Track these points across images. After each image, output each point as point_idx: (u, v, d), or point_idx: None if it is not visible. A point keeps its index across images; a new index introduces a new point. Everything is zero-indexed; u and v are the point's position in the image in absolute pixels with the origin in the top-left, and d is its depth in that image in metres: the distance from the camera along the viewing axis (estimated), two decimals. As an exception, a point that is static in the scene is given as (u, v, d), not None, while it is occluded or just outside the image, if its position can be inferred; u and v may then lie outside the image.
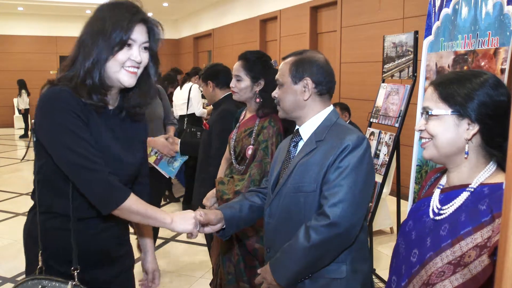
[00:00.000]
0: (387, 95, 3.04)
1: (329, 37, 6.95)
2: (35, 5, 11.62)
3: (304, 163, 1.50)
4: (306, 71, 1.53)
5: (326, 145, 1.48)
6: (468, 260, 0.97)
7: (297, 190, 1.50)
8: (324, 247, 1.41)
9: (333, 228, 1.39)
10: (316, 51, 1.61)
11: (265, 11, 8.77)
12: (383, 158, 2.92)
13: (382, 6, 5.71)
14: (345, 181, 1.40)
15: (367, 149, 1.45)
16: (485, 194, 1.01)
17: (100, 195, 1.29)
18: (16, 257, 3.71)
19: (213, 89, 2.80)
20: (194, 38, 12.94)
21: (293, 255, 1.45)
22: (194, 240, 4.17)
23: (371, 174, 1.47)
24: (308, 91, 1.53)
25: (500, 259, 0.54)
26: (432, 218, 1.11)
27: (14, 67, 12.63)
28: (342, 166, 1.41)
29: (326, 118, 1.54)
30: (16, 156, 8.71)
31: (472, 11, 2.18)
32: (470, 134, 1.04)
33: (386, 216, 4.08)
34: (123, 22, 1.29)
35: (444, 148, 1.08)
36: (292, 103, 1.56)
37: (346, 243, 1.44)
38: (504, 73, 2.02)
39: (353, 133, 1.47)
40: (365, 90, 5.62)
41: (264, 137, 2.08)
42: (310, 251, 1.41)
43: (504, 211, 0.53)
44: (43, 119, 1.29)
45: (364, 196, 1.44)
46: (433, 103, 1.09)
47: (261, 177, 2.04)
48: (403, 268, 1.15)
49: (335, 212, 1.38)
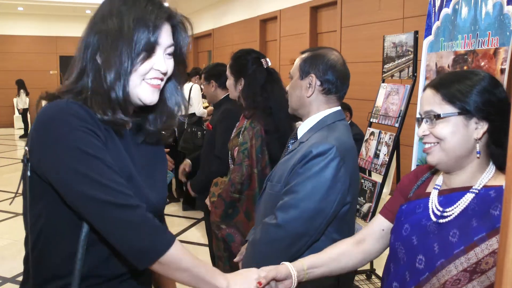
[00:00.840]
0: (387, 95, 3.04)
1: (329, 37, 6.95)
2: (35, 5, 11.62)
3: (282, 162, 1.50)
4: (313, 68, 1.48)
5: (301, 147, 1.44)
6: (485, 267, 0.95)
7: (270, 189, 1.51)
8: (270, 246, 1.39)
9: (278, 230, 1.36)
10: (334, 50, 1.55)
11: (265, 11, 8.76)
12: (383, 158, 2.92)
13: (382, 6, 5.71)
14: (300, 188, 1.35)
15: (333, 158, 1.35)
16: (493, 198, 0.99)
17: (139, 242, 0.91)
18: (16, 257, 3.71)
19: (215, 89, 2.81)
20: (194, 38, 12.90)
21: (251, 249, 1.47)
22: (195, 240, 4.17)
23: (335, 187, 1.36)
24: (312, 88, 1.48)
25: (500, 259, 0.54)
26: (435, 222, 1.07)
27: (14, 67, 12.63)
28: (301, 172, 1.37)
29: (321, 120, 1.48)
30: (16, 156, 8.71)
31: (472, 11, 2.18)
32: (480, 133, 1.02)
33: (386, 216, 4.07)
34: (148, 18, 0.96)
35: (454, 151, 1.04)
36: (297, 98, 1.52)
37: (293, 248, 1.38)
38: (504, 73, 2.02)
39: (326, 140, 1.38)
40: (365, 90, 5.62)
41: (244, 139, 2.04)
42: (261, 247, 1.42)
43: (504, 211, 0.53)
44: (47, 143, 0.91)
45: (319, 208, 1.35)
46: (437, 106, 1.05)
47: (242, 180, 2.00)
48: (407, 275, 1.11)
49: (282, 216, 1.36)
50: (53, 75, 13.10)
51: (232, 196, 2.02)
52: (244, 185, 2.01)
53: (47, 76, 13.05)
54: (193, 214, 4.87)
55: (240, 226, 2.08)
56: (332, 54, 1.51)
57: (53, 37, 13.06)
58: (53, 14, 12.79)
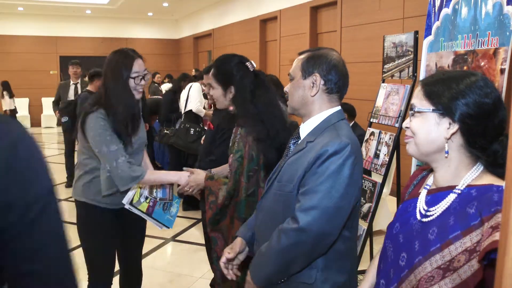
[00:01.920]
0: (387, 95, 3.04)
1: (329, 37, 6.95)
2: (35, 5, 11.62)
3: (290, 162, 1.49)
4: (316, 67, 1.48)
5: (312, 147, 1.43)
6: (457, 265, 0.96)
7: (279, 189, 1.49)
8: (294, 251, 1.38)
9: (302, 234, 1.35)
10: (334, 50, 1.56)
11: (265, 11, 8.77)
12: (383, 158, 2.92)
13: (382, 6, 5.71)
14: (320, 188, 1.35)
15: (349, 156, 1.36)
16: (473, 197, 1.00)
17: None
18: (16, 257, 3.71)
19: None
20: (194, 38, 12.94)
21: (266, 257, 1.44)
22: (195, 240, 4.17)
23: (353, 184, 1.38)
24: (316, 87, 1.48)
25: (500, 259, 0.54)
26: (419, 220, 1.10)
27: (14, 67, 12.63)
28: (319, 171, 1.36)
29: (326, 119, 1.49)
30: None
31: (472, 11, 2.18)
32: (449, 133, 1.04)
33: (386, 216, 4.07)
34: None
35: (423, 146, 1.08)
36: (300, 98, 1.51)
37: (317, 250, 1.39)
38: (504, 73, 2.02)
39: (339, 138, 1.39)
40: (365, 90, 5.62)
41: (238, 147, 2.00)
42: (280, 254, 1.39)
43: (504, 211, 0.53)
44: None
45: (339, 205, 1.36)
46: (418, 100, 1.10)
47: (235, 187, 1.98)
48: (392, 272, 1.13)
49: (305, 218, 1.34)
50: (53, 75, 13.10)
51: (224, 203, 2.02)
52: (235, 192, 2.01)
53: (47, 76, 13.05)
54: (193, 214, 4.87)
55: (224, 231, 2.07)
56: (333, 54, 1.52)
57: (53, 37, 13.07)
58: (53, 14, 12.79)
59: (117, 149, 2.02)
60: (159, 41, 14.18)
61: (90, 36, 13.37)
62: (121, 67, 2.06)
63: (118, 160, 2.00)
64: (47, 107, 12.12)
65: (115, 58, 2.10)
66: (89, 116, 2.05)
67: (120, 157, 2.01)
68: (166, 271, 3.51)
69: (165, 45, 14.29)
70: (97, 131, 2.02)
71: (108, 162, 2.01)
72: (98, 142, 2.01)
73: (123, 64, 2.07)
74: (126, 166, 2.02)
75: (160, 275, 3.46)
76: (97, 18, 13.28)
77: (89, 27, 13.31)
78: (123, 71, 2.06)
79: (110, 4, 11.62)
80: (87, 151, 2.11)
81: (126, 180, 2.02)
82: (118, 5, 11.58)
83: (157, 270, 3.54)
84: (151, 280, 3.35)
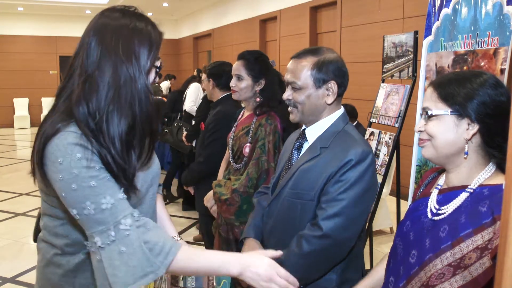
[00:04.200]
0: (387, 95, 3.04)
1: (329, 37, 6.95)
2: (35, 5, 11.61)
3: (305, 169, 1.45)
4: (330, 74, 1.44)
5: (329, 154, 1.42)
6: (468, 262, 0.96)
7: (295, 196, 1.46)
8: (315, 257, 1.38)
9: (325, 240, 1.36)
10: (331, 49, 1.52)
11: (265, 11, 8.76)
12: (383, 158, 2.92)
13: (382, 6, 5.71)
14: (344, 196, 1.37)
15: (371, 164, 1.40)
16: (485, 196, 1.00)
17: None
18: (16, 257, 3.72)
19: (212, 88, 2.83)
20: (194, 38, 12.94)
21: (286, 263, 1.40)
22: (194, 240, 4.17)
23: (371, 190, 1.42)
24: (332, 95, 1.45)
25: (500, 259, 0.54)
26: (430, 219, 1.10)
27: (14, 67, 12.63)
28: (343, 180, 1.37)
29: (334, 123, 1.48)
30: (16, 156, 8.71)
31: (471, 11, 2.18)
32: (470, 134, 1.03)
33: (386, 216, 4.08)
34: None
35: (443, 149, 1.07)
36: (313, 107, 1.47)
37: (339, 255, 1.41)
38: (504, 73, 2.02)
39: (359, 146, 1.40)
40: (365, 90, 5.63)
41: (261, 135, 2.09)
42: (301, 260, 1.39)
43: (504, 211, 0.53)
44: None
45: (362, 211, 1.40)
46: (432, 103, 1.08)
47: (259, 175, 2.04)
48: (401, 269, 1.14)
49: (329, 225, 1.36)
50: (53, 75, 13.10)
51: (248, 191, 2.03)
52: (260, 180, 2.03)
53: (47, 76, 13.05)
54: (193, 214, 4.87)
55: None
56: (337, 56, 1.49)
57: (53, 37, 13.06)
58: (53, 14, 12.79)
59: (114, 203, 1.01)
60: (159, 41, 14.17)
61: (90, 36, 13.36)
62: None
63: (119, 225, 1.00)
64: (47, 107, 12.03)
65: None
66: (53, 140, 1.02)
67: (124, 218, 1.01)
68: (166, 271, 3.51)
69: (165, 45, 14.09)
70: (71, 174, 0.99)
71: (100, 234, 0.99)
72: (75, 196, 0.99)
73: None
74: (139, 235, 1.00)
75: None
76: (97, 18, 13.27)
77: (89, 27, 13.30)
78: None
79: (110, 4, 11.59)
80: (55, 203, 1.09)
81: (139, 268, 0.98)
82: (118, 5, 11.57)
83: (157, 270, 3.53)
84: (151, 280, 3.35)
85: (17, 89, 12.55)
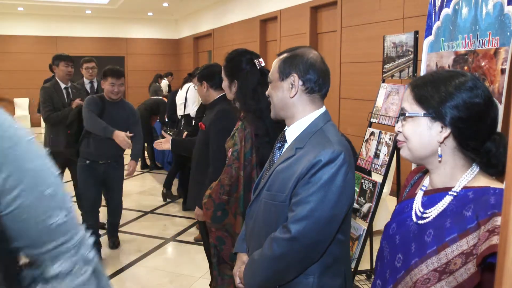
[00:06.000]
0: (387, 95, 3.04)
1: (329, 37, 6.95)
2: (35, 5, 11.62)
3: (279, 170, 1.45)
4: (294, 68, 1.45)
5: (303, 155, 1.40)
6: (453, 268, 0.95)
7: (270, 198, 1.46)
8: (286, 260, 1.37)
9: (294, 243, 1.34)
10: (312, 49, 1.53)
11: (265, 11, 8.76)
12: (383, 158, 2.92)
13: (382, 6, 5.71)
14: (312, 198, 1.33)
15: (342, 165, 1.34)
16: (469, 199, 1.00)
17: None
18: (16, 257, 3.70)
19: (207, 90, 2.74)
20: (194, 38, 12.94)
21: (259, 264, 1.42)
22: (195, 240, 4.17)
23: (345, 192, 1.36)
24: (294, 88, 1.45)
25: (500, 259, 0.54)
26: (415, 222, 1.09)
27: (14, 67, 12.63)
28: (312, 181, 1.34)
29: (312, 123, 1.46)
30: (16, 156, 8.69)
31: (472, 11, 2.18)
32: (442, 137, 1.03)
33: (386, 216, 4.07)
34: None
35: (417, 151, 1.07)
36: (279, 100, 1.49)
37: (310, 258, 1.38)
38: (504, 73, 2.02)
39: (330, 146, 1.36)
40: (365, 90, 5.62)
41: (235, 140, 2.03)
42: (272, 262, 1.38)
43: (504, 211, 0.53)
44: None
45: (334, 213, 1.35)
46: (408, 104, 1.08)
47: (232, 182, 1.98)
48: (388, 273, 1.13)
49: (297, 228, 1.33)
50: (53, 75, 13.11)
51: (222, 198, 2.01)
52: (233, 187, 2.00)
53: (47, 76, 13.03)
54: (194, 214, 4.87)
55: (229, 228, 2.07)
56: (310, 53, 1.48)
57: (53, 37, 13.06)
58: (53, 14, 12.79)
59: None
60: (159, 41, 14.17)
61: (90, 36, 13.36)
62: None
63: None
64: (47, 107, 12.10)
65: None
66: None
67: None
68: (166, 271, 3.51)
69: (165, 45, 14.28)
70: None
71: None
72: None
73: None
74: None
75: (160, 275, 3.45)
76: (97, 18, 13.28)
77: (89, 27, 13.30)
78: None
79: (110, 4, 11.62)
80: None
81: None
82: (118, 5, 11.57)
83: (157, 270, 3.54)
84: (151, 280, 3.35)
85: (17, 89, 12.54)
